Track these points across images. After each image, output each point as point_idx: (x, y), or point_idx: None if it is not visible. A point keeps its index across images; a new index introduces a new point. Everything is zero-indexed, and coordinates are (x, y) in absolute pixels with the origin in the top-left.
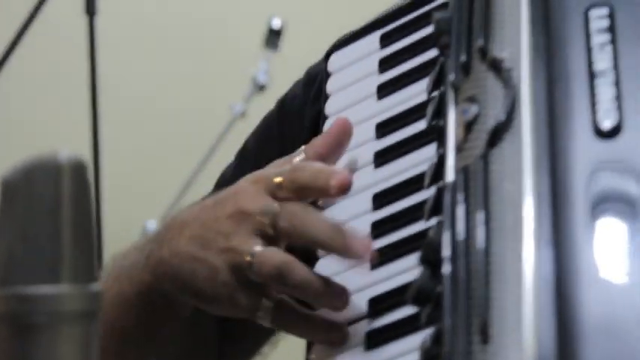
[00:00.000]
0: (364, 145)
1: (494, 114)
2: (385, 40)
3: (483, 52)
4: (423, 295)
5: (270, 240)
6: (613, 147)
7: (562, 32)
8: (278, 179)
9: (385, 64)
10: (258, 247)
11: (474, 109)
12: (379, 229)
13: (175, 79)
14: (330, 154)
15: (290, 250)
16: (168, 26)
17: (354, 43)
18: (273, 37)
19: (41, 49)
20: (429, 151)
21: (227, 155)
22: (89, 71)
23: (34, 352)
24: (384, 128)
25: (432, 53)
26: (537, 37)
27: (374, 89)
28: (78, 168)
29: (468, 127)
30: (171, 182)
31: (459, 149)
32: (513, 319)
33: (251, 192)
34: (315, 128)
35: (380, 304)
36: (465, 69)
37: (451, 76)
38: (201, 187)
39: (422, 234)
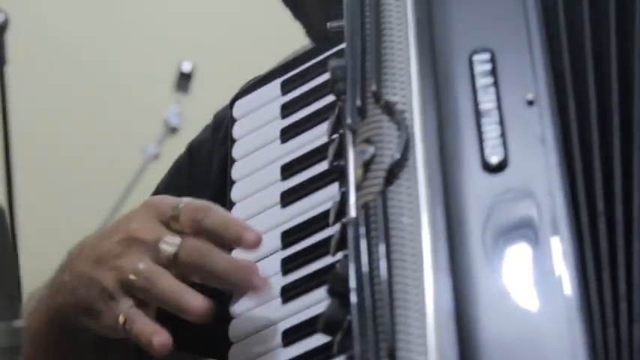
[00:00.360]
0: (270, 186)
1: (389, 154)
2: (286, 87)
3: (377, 97)
4: (332, 324)
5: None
6: (502, 179)
7: (449, 76)
8: (175, 212)
9: (287, 109)
10: (142, 265)
11: (370, 150)
12: (289, 264)
13: (88, 121)
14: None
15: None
16: (82, 68)
17: (257, 90)
18: (184, 80)
19: None
20: (332, 190)
21: (140, 197)
22: (1, 116)
23: None
24: (288, 170)
25: (331, 98)
26: (426, 81)
27: (277, 133)
28: None
29: (366, 166)
30: (86, 223)
31: (359, 188)
32: (418, 344)
33: (143, 218)
34: (224, 170)
35: (293, 335)
36: (361, 113)
37: (348, 120)
38: None
39: (329, 268)
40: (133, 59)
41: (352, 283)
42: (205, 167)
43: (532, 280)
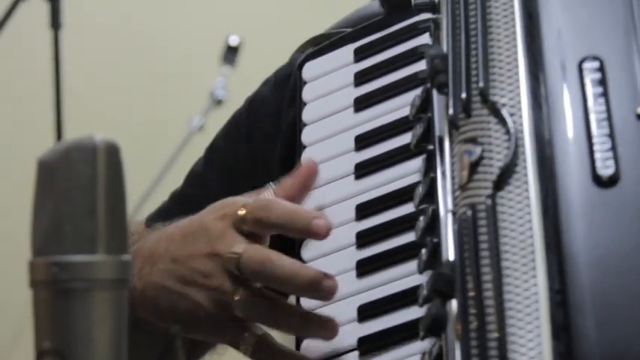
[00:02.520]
0: (344, 155)
1: (498, 157)
2: (359, 54)
3: (484, 96)
4: (437, 324)
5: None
6: (614, 194)
7: (558, 82)
8: (242, 212)
9: (360, 78)
10: (243, 289)
11: (477, 151)
12: (364, 239)
13: (136, 93)
14: (298, 196)
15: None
16: (131, 41)
17: (328, 53)
18: (231, 53)
19: (7, 60)
20: (409, 167)
21: (186, 166)
22: (54, 84)
23: (71, 314)
24: (363, 141)
25: (406, 72)
26: (535, 85)
27: (351, 101)
28: (112, 149)
29: (473, 167)
30: (131, 193)
31: (463, 188)
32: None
33: (220, 230)
34: (293, 131)
35: (369, 311)
36: (465, 110)
37: (450, 112)
38: (159, 199)
39: (407, 247)
40: (181, 32)
41: (459, 283)
42: (267, 125)
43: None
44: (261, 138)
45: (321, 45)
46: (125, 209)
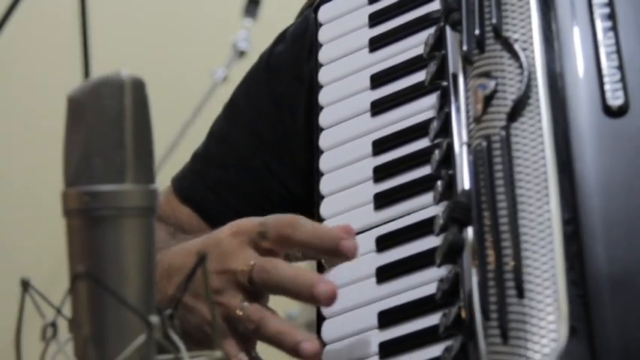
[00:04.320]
0: (360, 94)
1: (512, 90)
2: None
3: (497, 31)
4: (454, 250)
5: (249, 291)
6: (624, 123)
7: (569, 18)
8: (262, 228)
9: (374, 19)
10: (246, 303)
11: (491, 85)
12: (379, 174)
13: (161, 47)
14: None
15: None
16: None
17: None
18: (252, 6)
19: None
20: (424, 104)
21: (210, 117)
22: (81, 34)
23: (101, 241)
24: (378, 79)
25: (419, 12)
26: (546, 21)
27: (366, 42)
28: (138, 85)
29: (487, 100)
30: (157, 144)
31: (478, 120)
32: (544, 270)
33: (234, 247)
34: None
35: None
36: (479, 45)
37: (465, 47)
38: (185, 149)
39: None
40: None
41: (475, 211)
42: (288, 80)
43: None
44: (283, 93)
45: None
46: (151, 142)
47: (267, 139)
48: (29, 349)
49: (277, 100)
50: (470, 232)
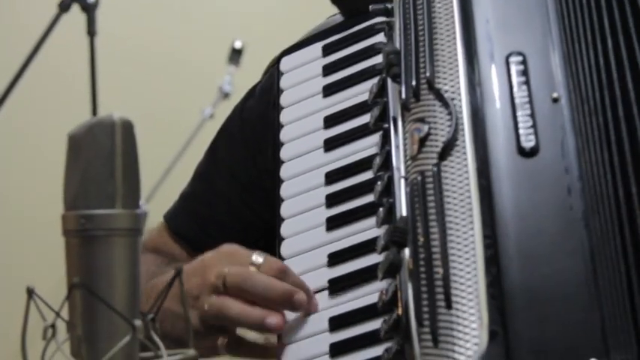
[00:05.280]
0: (315, 132)
1: (442, 134)
2: (326, 50)
3: (430, 83)
4: (393, 267)
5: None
6: (534, 163)
7: (490, 73)
8: (256, 263)
9: (327, 70)
10: (213, 298)
11: (425, 129)
12: (331, 200)
13: (157, 89)
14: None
15: None
16: (152, 45)
17: (301, 50)
18: (236, 55)
19: (51, 60)
20: (368, 142)
21: (199, 150)
22: (90, 80)
23: (94, 256)
24: (331, 120)
25: (365, 64)
26: (471, 76)
27: (320, 89)
28: (127, 125)
29: (422, 142)
30: (151, 172)
31: (414, 158)
32: (468, 292)
33: (213, 262)
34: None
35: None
36: (415, 95)
37: (403, 96)
38: (176, 178)
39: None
40: (194, 38)
41: (410, 237)
42: (259, 127)
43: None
44: (254, 138)
45: (295, 43)
46: (138, 173)
47: (242, 179)
48: (33, 347)
49: (249, 145)
50: (407, 252)
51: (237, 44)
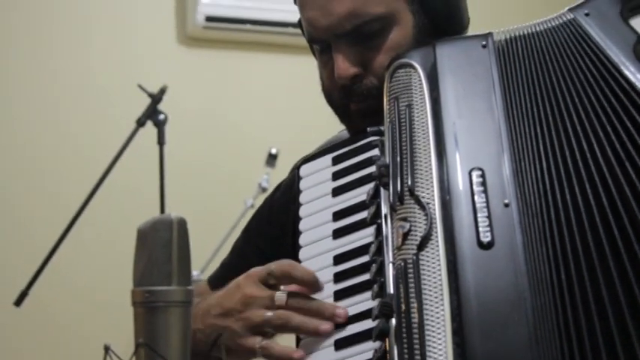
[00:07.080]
0: (324, 225)
1: (420, 231)
2: (335, 161)
3: (411, 191)
4: (383, 334)
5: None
6: (490, 254)
7: (457, 183)
8: (269, 271)
9: (336, 176)
10: (269, 314)
11: (407, 226)
12: (338, 277)
13: (208, 184)
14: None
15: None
16: (209, 154)
17: (315, 160)
18: (272, 159)
19: (127, 165)
20: (366, 233)
21: None
22: (159, 182)
23: (155, 322)
24: (338, 215)
25: (364, 172)
26: (442, 185)
27: (330, 190)
28: (182, 222)
29: (404, 236)
30: (202, 254)
31: (399, 249)
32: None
33: (249, 284)
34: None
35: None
36: (400, 199)
37: (391, 200)
38: (224, 255)
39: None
40: (240, 146)
41: (395, 309)
42: (283, 214)
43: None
44: (278, 223)
45: (312, 153)
46: (189, 258)
47: (267, 252)
48: None
49: (274, 225)
50: (393, 322)
51: (273, 150)
